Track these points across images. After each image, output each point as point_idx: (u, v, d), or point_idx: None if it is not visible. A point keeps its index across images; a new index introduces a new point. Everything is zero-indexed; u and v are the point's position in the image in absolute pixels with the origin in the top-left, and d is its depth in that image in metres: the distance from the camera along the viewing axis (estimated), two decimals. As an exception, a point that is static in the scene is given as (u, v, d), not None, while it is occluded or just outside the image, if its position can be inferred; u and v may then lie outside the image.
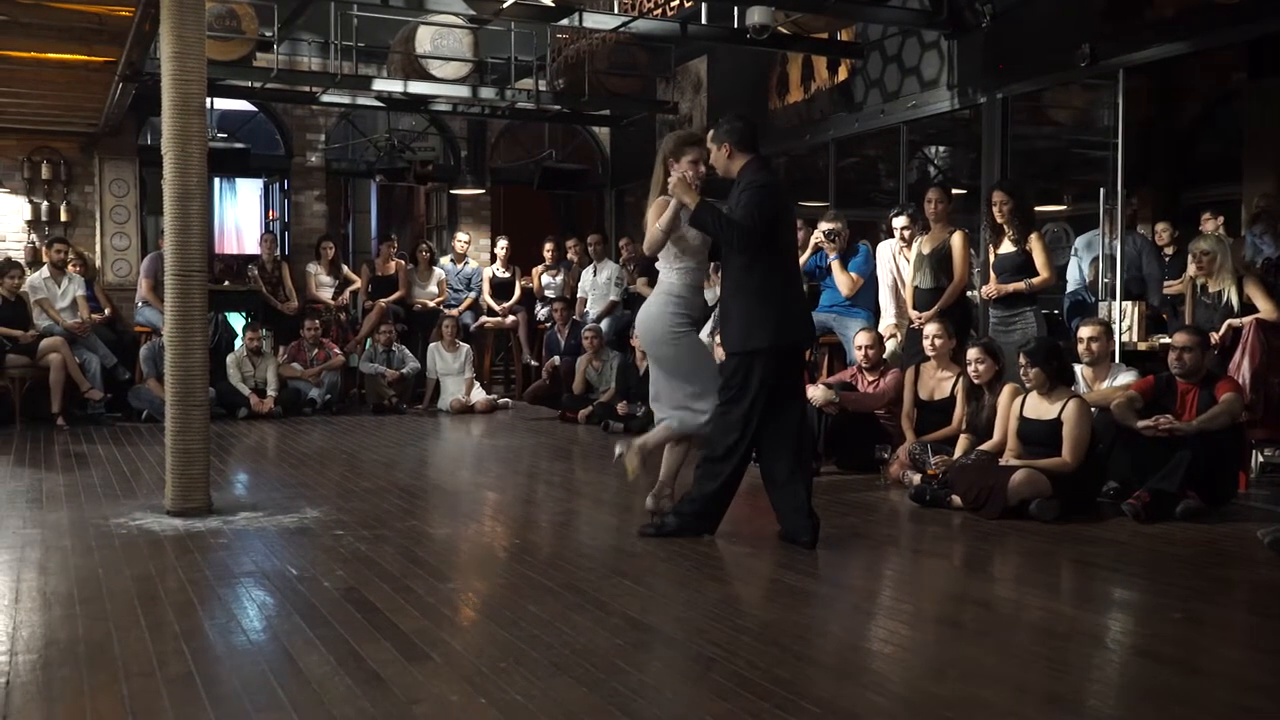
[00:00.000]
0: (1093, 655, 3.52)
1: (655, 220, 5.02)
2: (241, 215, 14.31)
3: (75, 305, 9.89)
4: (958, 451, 6.17)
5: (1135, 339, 7.17)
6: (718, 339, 7.98)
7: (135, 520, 5.34)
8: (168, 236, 5.50)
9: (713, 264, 5.55)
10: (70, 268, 10.11)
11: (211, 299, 6.23)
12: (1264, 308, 6.42)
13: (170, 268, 5.47)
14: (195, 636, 3.55)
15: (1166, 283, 8.10)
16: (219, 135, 11.24)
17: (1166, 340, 6.28)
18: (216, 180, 13.49)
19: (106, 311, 10.72)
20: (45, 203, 11.25)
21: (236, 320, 11.41)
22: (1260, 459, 6.55)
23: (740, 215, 4.80)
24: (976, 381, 6.26)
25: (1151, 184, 11.32)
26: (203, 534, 5.05)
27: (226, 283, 11.42)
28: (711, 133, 5.09)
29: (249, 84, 10.99)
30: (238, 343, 10.56)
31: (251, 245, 13.38)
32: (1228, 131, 11.01)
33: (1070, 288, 8.34)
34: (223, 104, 12.01)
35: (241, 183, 14.00)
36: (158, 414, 8.20)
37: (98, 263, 11.33)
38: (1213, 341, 6.24)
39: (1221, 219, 8.93)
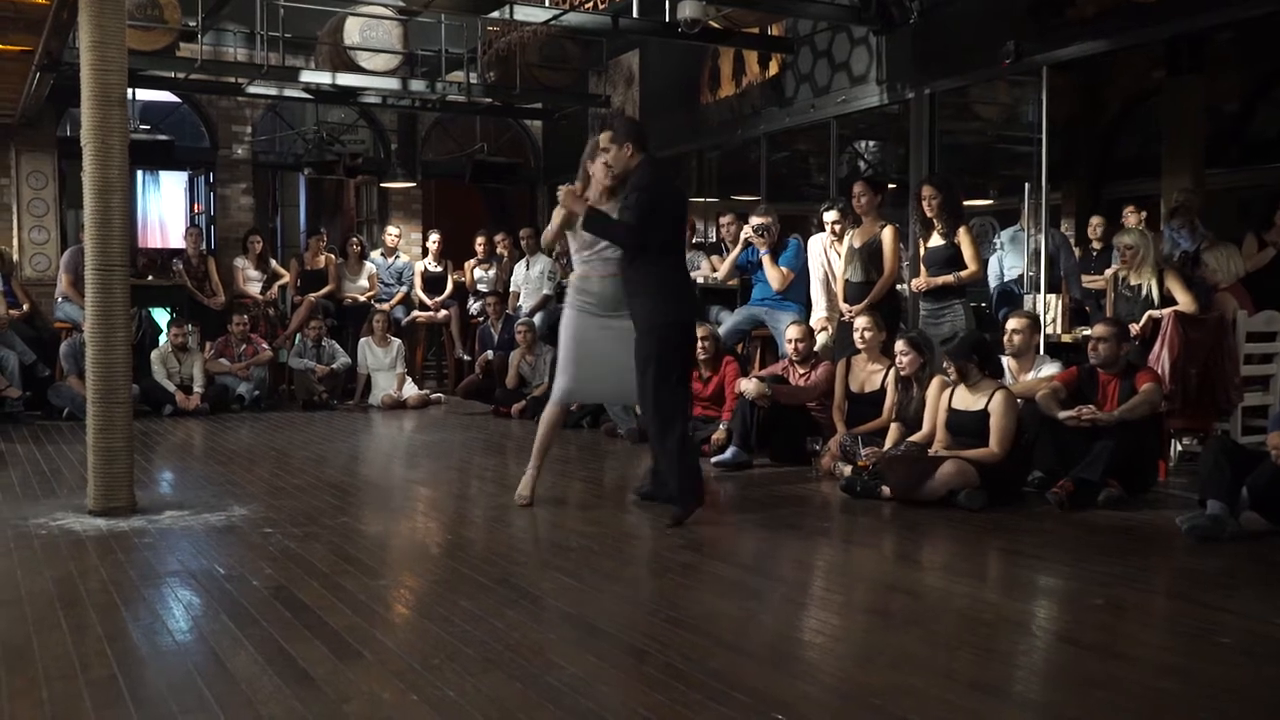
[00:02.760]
0: (1018, 642, 3.58)
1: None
2: (166, 209, 14.04)
3: (-8, 301, 9.66)
4: (888, 443, 6.24)
5: (1059, 331, 7.32)
6: None
7: (56, 520, 5.22)
8: (88, 230, 5.36)
9: None
10: (-14, 263, 9.87)
11: (135, 294, 6.10)
12: (1182, 300, 6.59)
13: (91, 262, 5.34)
14: (119, 638, 3.47)
15: (1091, 277, 8.27)
16: (141, 127, 11.00)
17: (1088, 332, 6.41)
18: (139, 173, 13.24)
19: (25, 307, 10.44)
20: (-41, 196, 10.97)
21: (161, 316, 11.20)
22: (1179, 448, 6.73)
23: (630, 217, 5.11)
24: (903, 373, 6.34)
25: (1075, 179, 11.59)
26: (126, 534, 4.95)
27: (150, 277, 11.15)
28: (610, 133, 5.31)
29: (172, 75, 10.75)
30: (162, 338, 10.36)
31: (176, 239, 13.14)
32: (1147, 128, 11.27)
33: (991, 282, 8.49)
34: (145, 95, 11.75)
35: (166, 175, 13.75)
36: (79, 412, 8.02)
37: (15, 257, 11.05)
38: (1133, 333, 6.38)
39: (1144, 214, 9.16)
